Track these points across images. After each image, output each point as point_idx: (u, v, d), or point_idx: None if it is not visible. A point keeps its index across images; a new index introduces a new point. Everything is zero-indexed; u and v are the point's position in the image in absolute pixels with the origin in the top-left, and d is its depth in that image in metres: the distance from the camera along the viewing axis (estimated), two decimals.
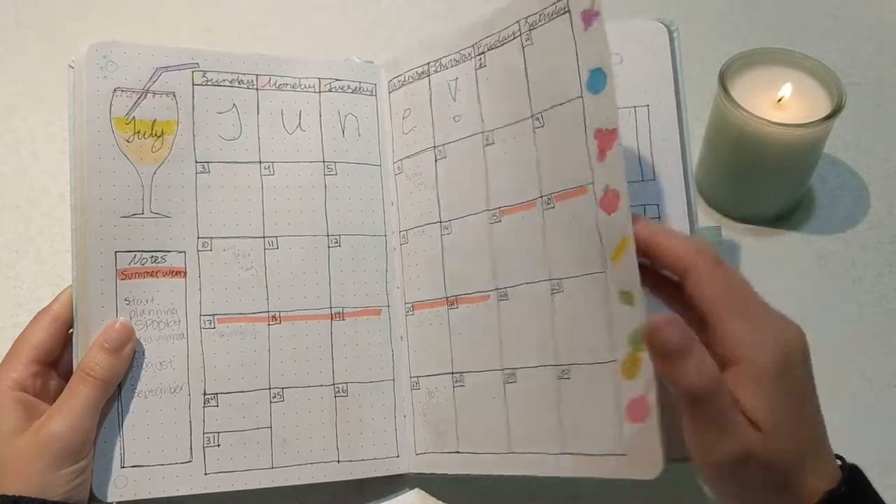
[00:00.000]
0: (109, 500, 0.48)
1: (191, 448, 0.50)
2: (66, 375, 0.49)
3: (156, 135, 0.52)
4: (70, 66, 0.51)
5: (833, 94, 0.64)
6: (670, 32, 0.54)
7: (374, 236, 0.55)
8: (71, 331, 0.50)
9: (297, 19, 0.88)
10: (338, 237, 0.54)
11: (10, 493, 0.44)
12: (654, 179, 0.53)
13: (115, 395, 0.49)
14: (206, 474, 0.50)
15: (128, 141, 0.51)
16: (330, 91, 0.56)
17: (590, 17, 0.46)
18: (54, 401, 0.48)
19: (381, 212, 0.56)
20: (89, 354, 0.48)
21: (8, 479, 0.44)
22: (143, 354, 0.50)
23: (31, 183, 0.72)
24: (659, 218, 0.53)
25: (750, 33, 0.86)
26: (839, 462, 0.43)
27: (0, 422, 0.46)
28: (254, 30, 0.86)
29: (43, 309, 0.51)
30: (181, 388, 0.50)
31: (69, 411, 0.46)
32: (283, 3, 0.89)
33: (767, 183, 0.68)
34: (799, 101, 0.65)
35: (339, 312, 0.54)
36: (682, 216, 0.53)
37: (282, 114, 0.55)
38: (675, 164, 0.53)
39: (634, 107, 0.54)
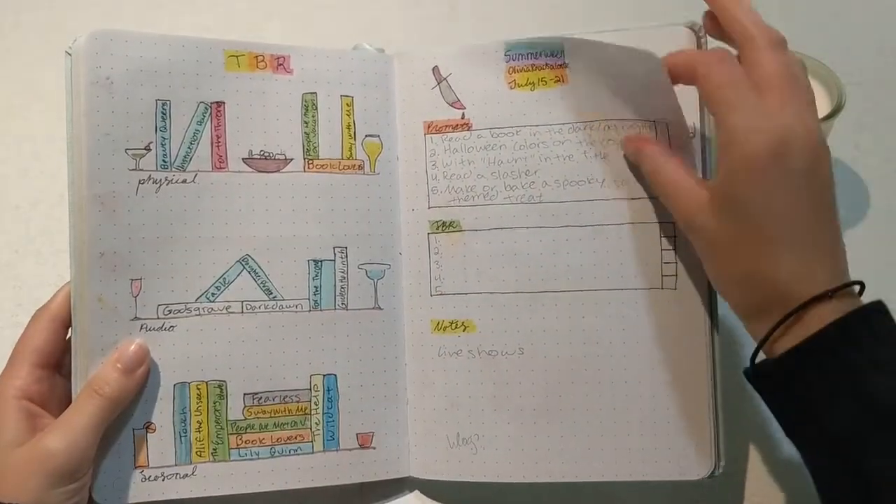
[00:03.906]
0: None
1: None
2: (70, 377, 0.49)
3: None
4: (67, 52, 0.50)
5: (833, 94, 0.64)
6: (698, 38, 0.52)
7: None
8: (70, 336, 0.50)
9: (297, 19, 0.88)
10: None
11: (8, 503, 0.44)
12: None
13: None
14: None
15: None
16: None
17: None
18: (59, 405, 0.48)
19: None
20: (101, 372, 0.48)
21: (5, 491, 0.44)
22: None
23: (31, 183, 0.72)
24: (675, 237, 0.52)
25: None
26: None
27: (3, 432, 0.46)
28: (255, 30, 0.86)
29: (41, 308, 0.50)
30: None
31: (70, 428, 0.46)
32: (284, 2, 0.89)
33: None
34: None
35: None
36: None
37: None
38: None
39: (654, 121, 0.52)
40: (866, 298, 0.47)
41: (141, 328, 0.50)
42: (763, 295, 0.45)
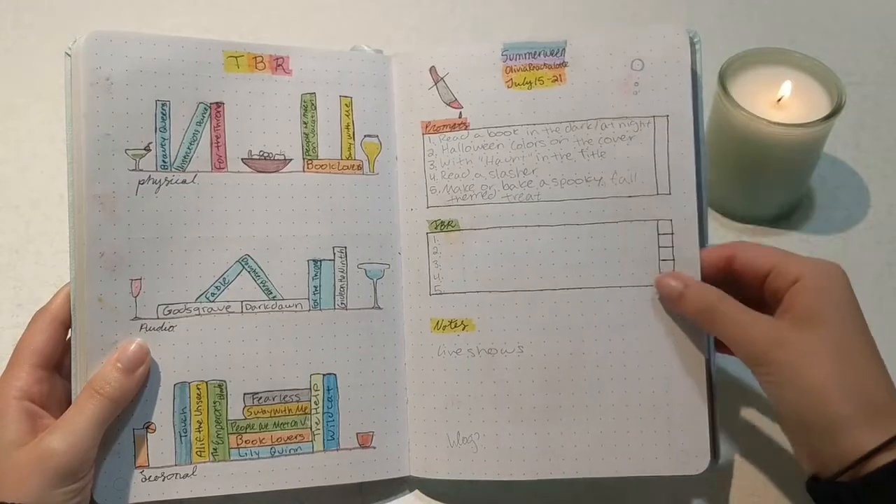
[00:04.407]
0: None
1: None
2: (70, 378, 0.49)
3: None
4: (67, 53, 0.50)
5: (833, 94, 0.64)
6: (692, 44, 0.53)
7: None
8: (70, 337, 0.50)
9: (296, 20, 0.88)
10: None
11: (10, 503, 0.44)
12: (669, 194, 0.52)
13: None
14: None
15: None
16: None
17: None
18: (60, 406, 0.49)
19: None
20: (101, 371, 0.48)
21: (6, 491, 0.44)
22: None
23: (31, 183, 0.72)
24: (672, 234, 0.52)
25: (750, 33, 0.86)
26: None
27: (4, 432, 0.46)
28: (254, 31, 0.86)
29: (41, 309, 0.50)
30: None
31: (71, 428, 0.46)
32: (283, 3, 0.89)
33: (767, 183, 0.68)
34: (799, 101, 0.65)
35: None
36: (692, 234, 0.52)
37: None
38: (689, 179, 0.52)
39: (654, 116, 0.53)
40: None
41: (141, 328, 0.50)
42: (872, 394, 0.45)
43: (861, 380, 0.45)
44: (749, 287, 0.51)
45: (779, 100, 0.65)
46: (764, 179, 0.68)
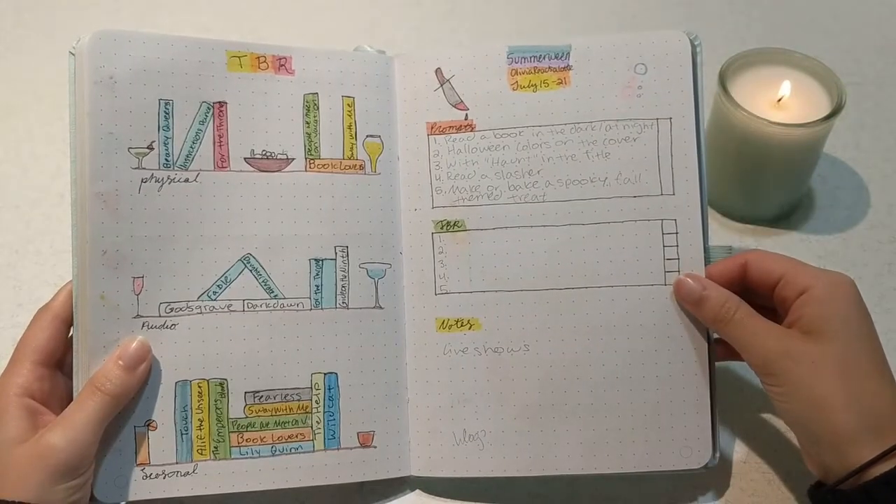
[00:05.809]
0: (111, 501, 0.49)
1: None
2: (72, 376, 0.49)
3: None
4: (71, 52, 0.50)
5: (833, 94, 0.64)
6: (693, 46, 0.54)
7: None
8: (72, 334, 0.50)
9: (296, 20, 0.88)
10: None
11: (10, 500, 0.44)
12: (673, 194, 0.53)
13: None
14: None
15: None
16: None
17: None
18: (61, 403, 0.49)
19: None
20: (103, 369, 0.48)
21: (7, 488, 0.44)
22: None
23: (31, 183, 0.72)
24: (676, 234, 0.53)
25: (750, 33, 0.86)
26: None
27: (5, 429, 0.46)
28: (254, 30, 0.86)
29: (43, 307, 0.50)
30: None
31: (72, 425, 0.46)
32: (283, 3, 0.89)
33: (767, 183, 0.68)
34: (799, 101, 0.65)
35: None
36: (696, 232, 0.53)
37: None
38: (693, 179, 0.53)
39: (657, 119, 0.54)
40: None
41: (143, 326, 0.50)
42: (876, 407, 0.45)
43: (866, 393, 0.45)
44: (760, 294, 0.51)
45: (779, 100, 0.65)
46: (764, 179, 0.68)
